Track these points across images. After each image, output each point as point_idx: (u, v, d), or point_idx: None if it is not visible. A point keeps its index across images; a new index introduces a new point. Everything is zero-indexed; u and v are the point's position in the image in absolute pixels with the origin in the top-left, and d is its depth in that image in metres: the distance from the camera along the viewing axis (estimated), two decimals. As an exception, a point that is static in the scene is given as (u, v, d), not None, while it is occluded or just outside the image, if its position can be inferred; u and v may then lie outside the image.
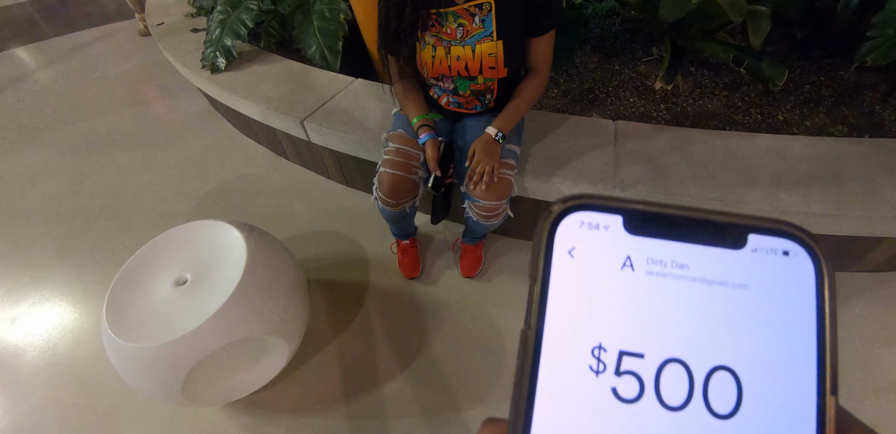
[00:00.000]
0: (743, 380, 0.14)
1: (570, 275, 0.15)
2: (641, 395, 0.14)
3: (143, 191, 2.18)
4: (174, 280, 1.16)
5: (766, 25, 1.50)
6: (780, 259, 0.15)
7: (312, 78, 1.92)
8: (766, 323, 0.14)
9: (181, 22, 2.62)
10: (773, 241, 0.15)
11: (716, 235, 0.15)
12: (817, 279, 0.15)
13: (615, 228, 0.15)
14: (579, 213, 0.15)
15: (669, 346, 0.14)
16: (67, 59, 3.80)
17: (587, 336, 0.15)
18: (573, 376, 0.14)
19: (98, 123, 2.76)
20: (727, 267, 0.15)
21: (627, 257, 0.15)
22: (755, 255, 0.15)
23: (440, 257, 1.66)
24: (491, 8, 1.09)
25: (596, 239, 0.15)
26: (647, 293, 0.15)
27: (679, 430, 0.14)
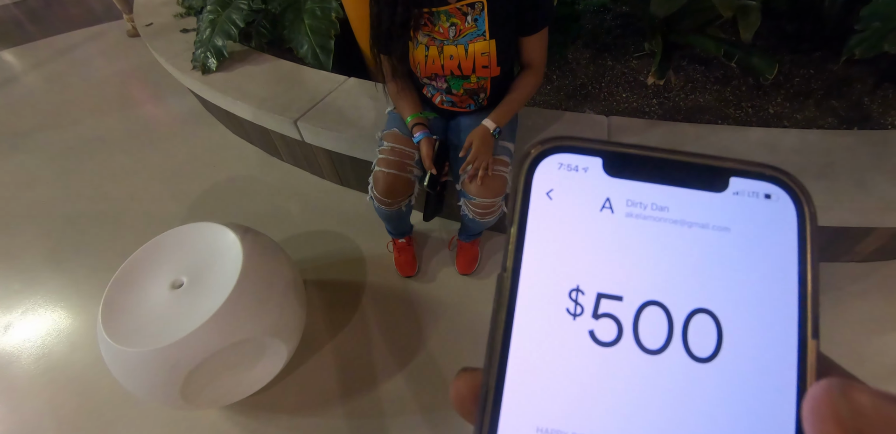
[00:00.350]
0: (723, 323, 0.14)
1: (549, 217, 0.15)
2: (619, 338, 0.14)
3: (135, 194, 2.16)
4: (170, 283, 1.15)
5: (756, 19, 1.50)
6: (762, 202, 0.15)
7: (305, 77, 1.91)
8: (747, 266, 0.14)
9: (170, 22, 2.60)
10: (755, 185, 0.15)
11: (697, 178, 0.15)
12: (799, 222, 0.15)
13: (594, 170, 0.15)
14: (558, 154, 0.15)
15: (648, 289, 0.14)
16: (54, 61, 3.75)
17: (564, 278, 0.14)
18: (550, 319, 0.14)
19: (87, 126, 2.73)
20: (708, 209, 0.15)
21: (607, 199, 0.15)
22: (737, 198, 0.15)
23: (437, 255, 1.66)
24: (483, 7, 1.09)
25: (575, 180, 0.15)
26: (626, 235, 0.14)
27: (658, 374, 0.13)
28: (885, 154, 1.38)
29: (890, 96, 1.80)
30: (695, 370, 0.13)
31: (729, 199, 0.14)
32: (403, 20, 1.12)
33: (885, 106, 1.76)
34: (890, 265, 1.54)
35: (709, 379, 0.13)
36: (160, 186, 2.18)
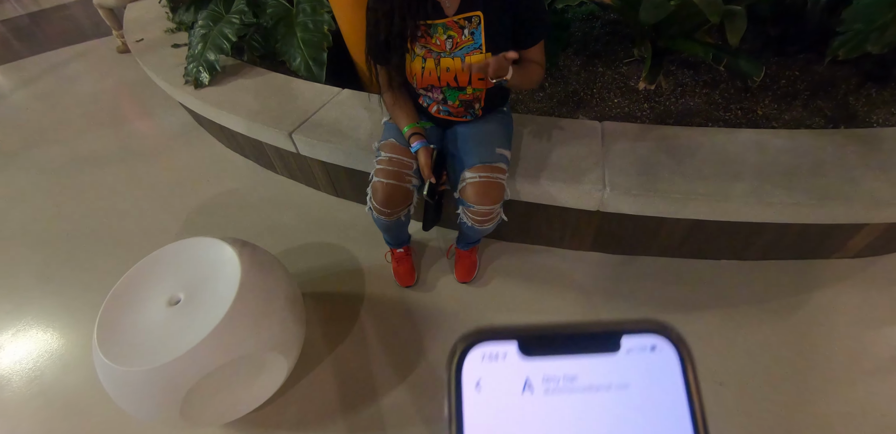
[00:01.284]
0: None
1: (479, 406, 0.17)
2: None
3: (128, 210, 2.14)
4: (167, 300, 1.13)
5: (742, 24, 1.53)
6: (649, 354, 0.17)
7: (298, 90, 1.91)
8: (648, 415, 0.16)
9: (161, 38, 2.60)
10: (641, 340, 0.17)
11: (595, 344, 0.17)
12: (682, 364, 0.17)
13: (512, 355, 0.17)
14: (480, 346, 0.17)
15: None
16: (42, 78, 3.73)
17: None
18: None
19: (78, 143, 2.71)
20: (609, 371, 0.17)
21: (526, 380, 0.17)
22: (630, 355, 0.17)
23: (435, 264, 1.66)
24: (480, 21, 1.11)
25: (497, 368, 0.17)
26: (547, 411, 0.16)
27: None
28: (872, 152, 1.41)
29: (874, 95, 1.83)
30: None
31: (623, 358, 0.17)
32: (400, 31, 1.13)
33: (870, 105, 1.79)
34: (881, 260, 1.56)
35: None
36: (154, 202, 2.16)
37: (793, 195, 1.29)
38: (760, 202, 1.29)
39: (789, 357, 1.33)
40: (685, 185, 1.34)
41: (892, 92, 1.83)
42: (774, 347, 1.35)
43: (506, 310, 1.50)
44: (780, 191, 1.30)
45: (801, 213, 1.32)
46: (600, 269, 1.60)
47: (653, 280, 1.56)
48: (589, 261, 1.63)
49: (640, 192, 1.33)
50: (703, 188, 1.33)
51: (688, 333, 1.05)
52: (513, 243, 1.70)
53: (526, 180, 1.39)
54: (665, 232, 1.52)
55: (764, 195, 1.30)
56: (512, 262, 1.64)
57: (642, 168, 1.39)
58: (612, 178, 1.37)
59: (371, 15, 1.16)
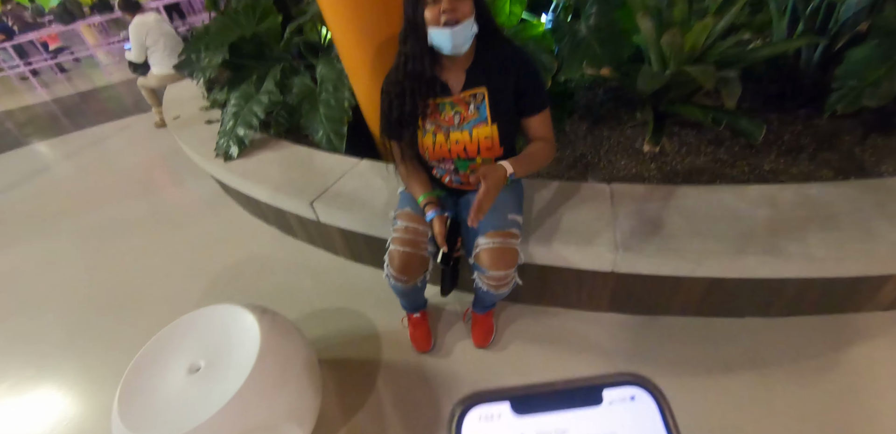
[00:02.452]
0: None
1: None
2: None
3: (154, 275, 2.22)
4: (188, 367, 1.15)
5: (736, 88, 1.62)
6: (630, 404, 0.18)
7: (320, 161, 2.04)
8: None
9: (196, 115, 2.83)
10: (621, 392, 0.19)
11: (580, 398, 0.18)
12: (660, 410, 0.18)
13: (505, 415, 0.18)
14: (475, 409, 0.19)
15: None
16: (85, 151, 4.04)
17: None
18: None
19: (112, 211, 2.88)
20: (596, 422, 0.18)
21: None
22: (612, 406, 0.18)
23: (451, 329, 1.65)
24: (484, 96, 1.20)
25: (493, 428, 0.18)
26: None
27: None
28: (887, 202, 1.40)
29: (880, 145, 1.85)
30: None
31: (607, 409, 0.18)
32: (412, 110, 1.23)
33: (877, 155, 1.80)
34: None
35: None
36: (179, 267, 2.24)
37: (809, 249, 1.28)
38: (777, 258, 1.28)
39: (834, 420, 1.24)
40: (698, 244, 1.34)
41: (898, 141, 1.86)
42: (816, 410, 1.27)
43: (525, 374, 1.46)
44: (795, 245, 1.29)
45: (820, 268, 1.30)
46: (620, 331, 1.57)
47: (675, 340, 1.51)
48: (607, 322, 1.60)
49: (654, 252, 1.34)
50: (717, 246, 1.33)
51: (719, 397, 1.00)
52: (529, 306, 1.69)
53: (539, 244, 1.42)
54: (683, 291, 1.50)
55: (780, 251, 1.29)
56: (529, 325, 1.63)
57: (654, 228, 1.41)
58: (624, 238, 1.38)
59: (384, 96, 1.27)
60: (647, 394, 0.19)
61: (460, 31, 1.08)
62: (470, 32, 1.11)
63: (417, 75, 1.18)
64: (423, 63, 1.16)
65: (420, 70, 1.18)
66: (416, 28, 1.12)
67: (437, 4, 1.06)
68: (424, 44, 1.14)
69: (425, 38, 1.13)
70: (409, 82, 1.20)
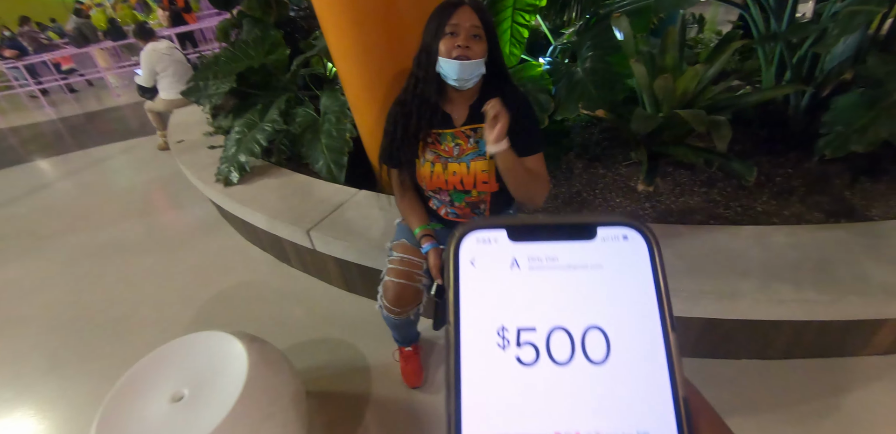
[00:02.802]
0: (609, 333, 0.18)
1: (474, 279, 0.19)
2: (538, 358, 0.18)
3: (144, 298, 2.19)
4: (171, 396, 1.12)
5: (727, 132, 1.66)
6: (622, 242, 0.19)
7: (319, 190, 2.06)
8: (619, 290, 0.19)
9: (200, 140, 2.88)
10: (615, 231, 0.19)
11: (574, 233, 0.19)
12: (650, 251, 0.19)
13: (501, 240, 0.19)
14: (474, 233, 0.20)
15: (553, 318, 0.19)
16: (86, 170, 4.07)
17: (492, 321, 0.19)
18: (486, 353, 0.18)
19: (109, 231, 2.87)
20: (585, 254, 0.19)
21: (514, 259, 0.19)
22: (604, 243, 0.19)
23: (443, 364, 1.62)
24: None
25: (489, 250, 0.19)
26: (531, 283, 0.19)
27: (568, 378, 0.18)
28: (878, 245, 1.42)
29: (869, 189, 1.88)
30: (594, 371, 0.18)
31: (599, 244, 0.19)
32: (415, 133, 1.26)
33: (867, 198, 1.83)
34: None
35: (605, 375, 0.18)
36: (170, 292, 2.21)
37: (802, 292, 1.28)
38: (770, 299, 1.28)
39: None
40: (692, 284, 1.35)
41: (886, 184, 1.89)
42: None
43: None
44: (788, 287, 1.30)
45: (814, 311, 1.30)
46: (615, 370, 1.54)
47: (670, 382, 1.49)
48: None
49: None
50: (711, 286, 1.33)
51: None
52: (523, 341, 1.67)
53: (533, 279, 1.42)
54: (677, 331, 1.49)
55: (773, 292, 1.29)
56: (523, 361, 1.60)
57: (647, 266, 1.41)
58: (619, 276, 1.38)
59: (389, 119, 1.31)
60: (640, 236, 0.19)
61: (468, 66, 1.14)
62: (477, 70, 1.17)
63: (424, 99, 1.23)
64: (430, 88, 1.21)
65: (427, 94, 1.22)
66: (430, 55, 1.18)
67: (455, 38, 1.13)
68: (434, 70, 1.19)
69: (435, 65, 1.18)
70: (415, 104, 1.24)
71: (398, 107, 1.29)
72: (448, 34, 1.13)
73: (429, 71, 1.20)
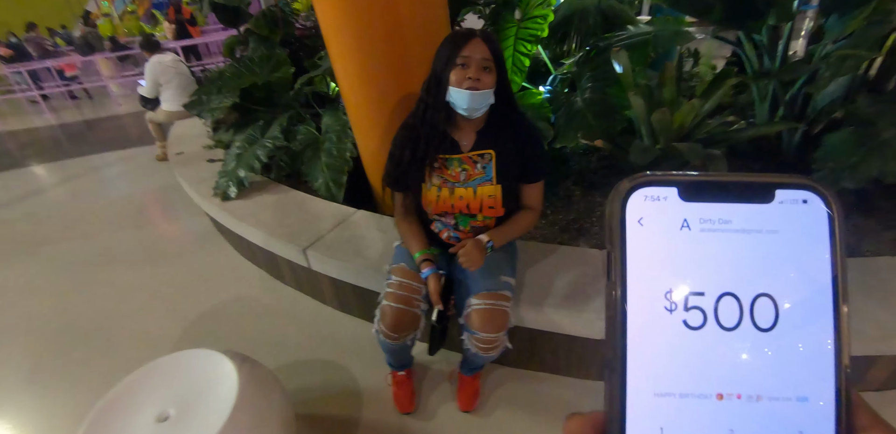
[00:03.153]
0: (779, 301, 0.18)
1: (641, 238, 0.19)
2: (705, 322, 0.18)
3: (133, 311, 2.15)
4: (156, 415, 1.09)
5: (722, 166, 1.70)
6: (801, 207, 0.18)
7: (317, 208, 2.06)
8: (794, 257, 0.18)
9: (199, 152, 2.89)
10: (794, 194, 0.19)
11: (750, 194, 0.19)
12: (829, 219, 0.18)
13: (672, 198, 0.19)
14: (643, 188, 0.19)
15: (723, 284, 0.18)
16: (82, 177, 4.05)
17: (659, 284, 0.18)
18: (652, 316, 0.18)
19: (100, 240, 2.84)
20: (761, 218, 0.18)
21: (684, 220, 0.19)
22: (782, 206, 0.19)
23: (436, 389, 1.60)
24: (492, 157, 1.27)
25: (658, 208, 0.19)
26: (702, 246, 0.18)
27: (735, 343, 0.18)
28: (871, 282, 1.43)
29: (861, 225, 1.91)
30: (761, 338, 0.18)
31: (776, 208, 0.19)
32: (422, 162, 1.27)
33: (859, 235, 1.86)
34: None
35: (770, 342, 0.18)
36: (160, 305, 2.18)
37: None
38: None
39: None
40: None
41: (877, 221, 1.92)
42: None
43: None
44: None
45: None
46: (609, 400, 1.53)
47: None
48: (599, 391, 1.56)
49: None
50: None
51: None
52: (517, 370, 1.65)
53: (530, 307, 1.42)
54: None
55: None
56: (516, 390, 1.58)
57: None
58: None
59: (395, 143, 1.32)
60: (820, 201, 0.18)
61: (478, 96, 1.17)
62: (487, 100, 1.20)
63: (432, 125, 1.25)
64: (439, 115, 1.24)
65: (435, 121, 1.24)
66: (440, 83, 1.20)
67: (466, 70, 1.15)
68: (443, 98, 1.22)
69: (445, 94, 1.20)
70: (423, 130, 1.26)
71: (405, 131, 1.31)
72: (459, 65, 1.16)
73: (438, 99, 1.22)
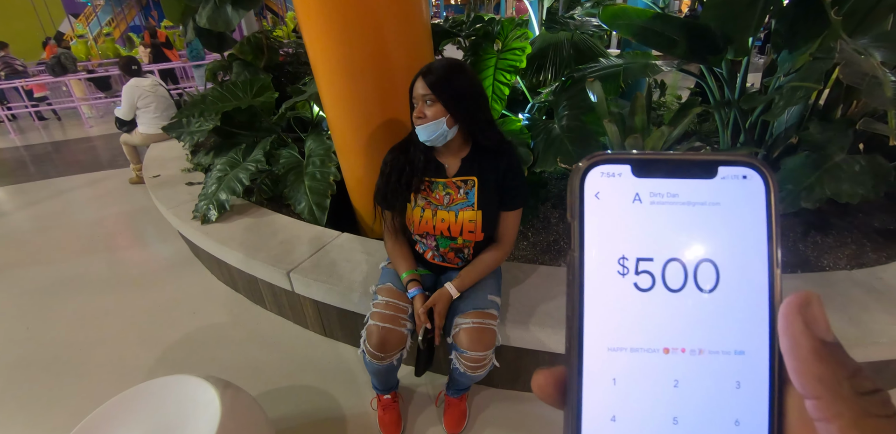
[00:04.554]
0: (720, 266, 0.20)
1: (599, 211, 0.21)
2: (653, 285, 0.20)
3: (103, 339, 2.06)
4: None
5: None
6: (741, 181, 0.20)
7: (300, 231, 2.06)
8: (733, 226, 0.20)
9: (177, 176, 2.85)
10: (735, 170, 0.20)
11: (696, 171, 0.20)
12: (766, 192, 0.20)
13: (626, 174, 0.21)
14: (599, 166, 0.21)
15: (670, 251, 0.20)
16: (48, 201, 3.90)
17: (614, 251, 0.20)
18: (607, 279, 0.20)
19: (67, 266, 2.73)
20: (705, 191, 0.20)
21: (636, 194, 0.21)
22: (724, 181, 0.20)
23: (422, 413, 1.58)
24: (475, 184, 1.32)
25: (613, 184, 0.21)
26: (651, 217, 0.20)
27: (679, 304, 0.20)
28: (830, 294, 1.53)
29: (819, 242, 2.04)
30: (703, 298, 0.20)
31: (718, 183, 0.20)
32: (408, 183, 1.33)
33: (818, 250, 1.98)
34: None
35: (712, 303, 0.20)
36: (132, 332, 2.10)
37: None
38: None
39: None
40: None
41: (834, 238, 2.05)
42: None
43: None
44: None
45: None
46: (594, 419, 1.54)
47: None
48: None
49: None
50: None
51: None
52: (504, 390, 1.66)
53: (515, 326, 1.44)
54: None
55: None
56: (503, 411, 1.58)
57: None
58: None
59: (385, 166, 1.38)
60: (759, 176, 0.20)
61: (424, 129, 1.24)
62: (439, 130, 1.24)
63: (422, 151, 1.33)
64: (418, 148, 1.32)
65: (423, 148, 1.32)
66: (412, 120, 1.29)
67: (417, 107, 1.25)
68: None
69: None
70: (412, 155, 1.34)
71: (395, 154, 1.37)
72: (412, 104, 1.26)
73: (411, 135, 1.33)
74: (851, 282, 1.60)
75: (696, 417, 0.20)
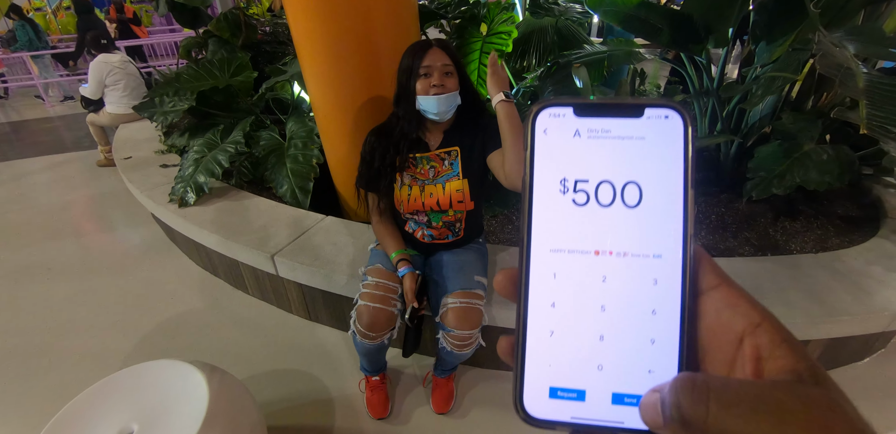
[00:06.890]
0: (643, 187, 0.24)
1: (545, 143, 0.25)
2: (588, 201, 0.24)
3: (75, 326, 2.00)
4: (118, 431, 1.03)
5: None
6: (663, 120, 0.24)
7: (283, 214, 2.02)
8: (656, 156, 0.24)
9: (150, 158, 2.75)
10: (659, 111, 0.24)
11: (626, 111, 0.24)
12: (684, 128, 0.24)
13: (568, 115, 0.25)
14: (548, 108, 0.25)
15: (602, 174, 0.24)
16: (8, 184, 3.71)
17: (557, 175, 0.24)
18: (551, 196, 0.24)
19: (32, 252, 2.61)
20: (633, 128, 0.24)
21: (576, 130, 0.24)
22: (649, 120, 0.24)
23: (410, 394, 1.60)
24: (458, 154, 1.34)
25: (558, 122, 0.25)
26: (588, 148, 0.24)
27: (609, 216, 0.24)
28: (798, 276, 1.62)
29: (788, 227, 2.13)
30: (628, 212, 0.24)
31: (644, 121, 0.24)
32: (392, 162, 1.33)
33: (787, 235, 2.07)
34: (834, 373, 1.65)
35: (636, 215, 0.24)
36: (106, 319, 2.04)
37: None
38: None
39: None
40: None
41: (802, 223, 2.15)
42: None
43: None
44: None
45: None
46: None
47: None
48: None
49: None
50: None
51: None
52: (490, 370, 1.69)
53: (502, 307, 1.47)
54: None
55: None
56: (490, 390, 1.62)
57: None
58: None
59: (368, 148, 1.37)
60: (678, 116, 0.24)
61: (444, 100, 1.24)
62: (454, 102, 1.28)
63: (405, 134, 1.32)
64: (412, 124, 1.31)
65: (408, 130, 1.31)
66: (408, 94, 1.27)
67: (429, 78, 1.23)
68: (413, 108, 1.29)
69: (414, 104, 1.28)
70: (396, 138, 1.33)
71: (376, 137, 1.36)
72: (422, 75, 1.23)
73: (408, 109, 1.29)
74: (817, 264, 1.69)
75: (620, 306, 0.24)
